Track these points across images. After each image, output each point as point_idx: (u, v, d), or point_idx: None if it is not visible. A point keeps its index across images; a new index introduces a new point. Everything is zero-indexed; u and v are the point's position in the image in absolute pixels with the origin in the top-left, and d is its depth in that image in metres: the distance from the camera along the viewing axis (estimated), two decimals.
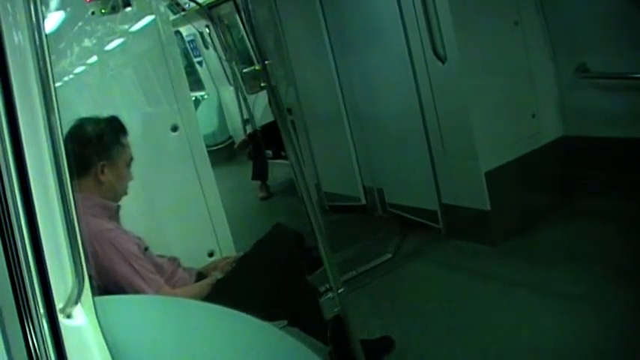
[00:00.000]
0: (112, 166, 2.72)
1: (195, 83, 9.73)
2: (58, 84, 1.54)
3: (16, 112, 1.43)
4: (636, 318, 2.92)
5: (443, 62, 4.10)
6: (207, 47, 9.42)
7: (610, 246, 3.63)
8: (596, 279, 3.34)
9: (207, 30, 9.11)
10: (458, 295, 3.69)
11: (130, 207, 2.90)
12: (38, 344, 1.39)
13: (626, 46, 3.77)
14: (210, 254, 3.49)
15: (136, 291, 2.57)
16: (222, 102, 9.90)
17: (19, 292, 1.38)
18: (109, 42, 3.36)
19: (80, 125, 2.70)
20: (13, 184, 1.40)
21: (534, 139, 4.30)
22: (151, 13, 3.41)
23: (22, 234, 1.40)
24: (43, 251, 1.43)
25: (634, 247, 3.44)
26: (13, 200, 1.39)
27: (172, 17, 8.00)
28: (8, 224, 1.38)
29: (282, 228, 3.17)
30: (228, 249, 3.53)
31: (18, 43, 1.46)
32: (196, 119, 3.76)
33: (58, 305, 1.45)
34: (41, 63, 1.43)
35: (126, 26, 3.37)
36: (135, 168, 2.83)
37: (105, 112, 2.84)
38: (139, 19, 3.41)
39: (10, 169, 1.40)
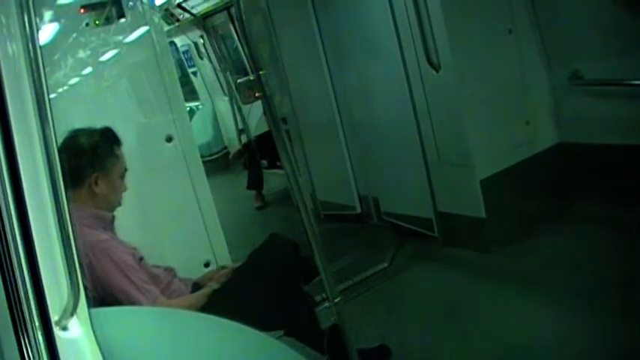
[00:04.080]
0: (105, 178, 2.71)
1: (190, 93, 9.74)
2: (52, 95, 1.54)
3: (10, 124, 1.42)
4: (634, 324, 2.91)
5: (437, 71, 4.11)
6: (201, 58, 9.44)
7: (607, 252, 3.63)
8: (592, 285, 3.33)
9: (202, 40, 9.14)
10: (454, 302, 3.68)
11: (125, 217, 2.90)
12: (33, 357, 1.39)
13: (620, 53, 3.78)
14: (206, 264, 3.49)
15: (132, 302, 2.56)
16: (216, 112, 9.92)
17: (14, 304, 1.38)
18: (103, 53, 3.36)
19: (74, 136, 2.70)
20: (7, 195, 1.39)
21: (529, 147, 4.31)
22: (145, 24, 3.42)
23: (17, 246, 1.39)
24: (38, 263, 1.43)
25: (631, 253, 3.44)
26: (7, 211, 1.39)
27: (166, 28, 8.03)
28: (3, 236, 1.37)
29: (278, 237, 3.17)
30: (224, 259, 3.52)
31: (12, 54, 1.46)
32: (191, 129, 3.77)
33: (54, 317, 1.44)
34: (35, 74, 1.43)
35: (120, 37, 3.37)
36: (130, 178, 2.83)
37: (99, 123, 2.84)
38: (133, 30, 3.41)
39: (4, 180, 1.39)
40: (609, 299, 3.17)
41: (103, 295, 2.55)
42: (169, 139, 3.44)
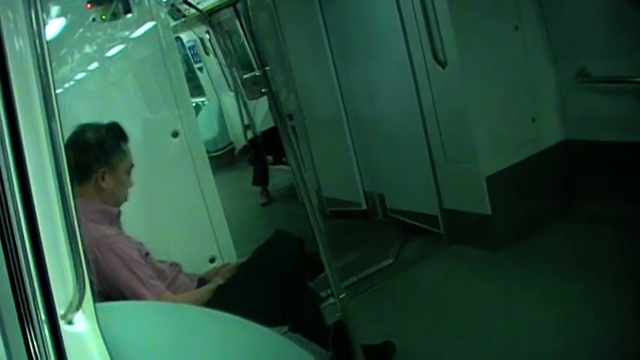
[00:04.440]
0: (112, 173, 2.72)
1: (196, 89, 9.75)
2: (58, 90, 1.54)
3: (17, 119, 1.43)
4: (638, 323, 2.91)
5: (443, 67, 4.10)
6: (207, 53, 9.44)
7: (612, 250, 3.62)
8: (597, 283, 3.33)
9: (208, 36, 9.14)
10: (459, 300, 3.68)
11: (131, 213, 2.91)
12: (39, 350, 1.39)
13: (627, 50, 3.77)
14: (212, 260, 3.49)
15: (137, 297, 2.56)
16: (222, 108, 9.92)
17: (20, 298, 1.38)
18: (109, 48, 3.37)
19: (81, 131, 2.71)
20: (14, 190, 1.40)
21: (535, 144, 4.30)
22: (152, 20, 3.42)
23: (24, 240, 1.40)
24: (44, 257, 1.43)
25: (636, 251, 3.43)
26: (14, 206, 1.39)
27: (173, 23, 8.03)
28: (9, 230, 1.38)
29: (283, 234, 3.17)
30: (229, 255, 3.52)
31: (19, 49, 1.47)
32: (197, 125, 3.77)
33: (59, 311, 1.45)
34: (42, 69, 1.43)
35: (126, 32, 3.38)
36: (136, 174, 2.84)
37: (106, 119, 2.84)
38: (140, 25, 3.41)
39: (11, 175, 1.40)
40: (615, 298, 3.17)
41: (108, 289, 2.56)
42: (175, 135, 3.45)
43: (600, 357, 2.82)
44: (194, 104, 8.66)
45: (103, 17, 3.29)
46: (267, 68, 2.47)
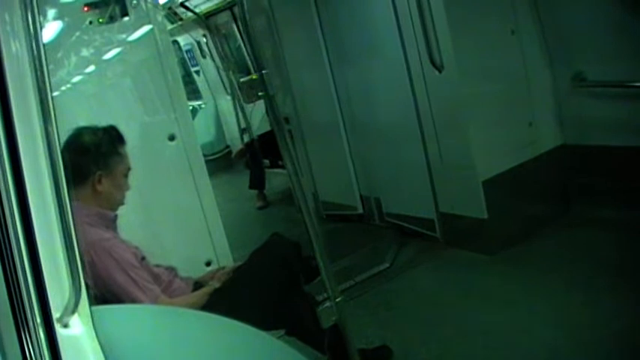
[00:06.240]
0: (109, 176, 2.72)
1: (193, 92, 9.75)
2: (55, 93, 1.55)
3: (14, 122, 1.43)
4: (636, 327, 2.91)
5: (440, 71, 4.10)
6: (204, 57, 9.44)
7: (608, 255, 3.63)
8: (594, 288, 3.33)
9: (205, 39, 9.14)
10: (456, 304, 3.68)
11: (128, 216, 2.90)
12: (35, 353, 1.39)
13: (624, 55, 3.78)
14: (208, 264, 3.49)
15: (133, 300, 2.56)
16: (219, 111, 9.92)
17: (16, 301, 1.38)
18: (106, 51, 3.37)
19: (78, 135, 2.71)
20: (10, 193, 1.40)
21: (531, 148, 4.30)
22: (149, 23, 3.42)
23: (19, 243, 1.40)
24: (40, 260, 1.43)
25: (633, 256, 3.44)
26: (10, 209, 1.39)
27: (170, 27, 8.04)
28: (5, 233, 1.38)
29: (280, 237, 3.17)
30: (225, 258, 3.52)
31: (16, 52, 1.47)
32: (193, 128, 3.77)
33: (55, 314, 1.45)
34: (39, 72, 1.43)
35: (123, 36, 3.38)
36: (132, 177, 2.83)
37: (102, 121, 2.84)
38: (137, 28, 3.41)
39: (7, 178, 1.40)
40: (612, 301, 3.17)
41: (104, 293, 2.56)
42: (172, 138, 3.45)
43: None
44: (191, 108, 8.65)
45: (100, 20, 3.29)
46: (263, 72, 2.48)
